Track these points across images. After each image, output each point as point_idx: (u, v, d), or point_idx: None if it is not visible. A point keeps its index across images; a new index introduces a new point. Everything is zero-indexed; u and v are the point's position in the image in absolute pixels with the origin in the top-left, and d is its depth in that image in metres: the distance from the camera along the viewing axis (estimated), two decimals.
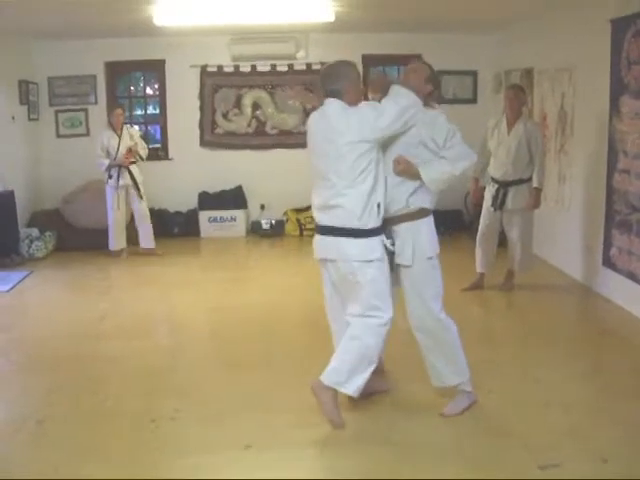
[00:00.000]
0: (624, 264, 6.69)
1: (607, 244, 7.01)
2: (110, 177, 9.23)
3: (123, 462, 4.01)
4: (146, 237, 9.56)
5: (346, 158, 4.21)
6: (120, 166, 9.21)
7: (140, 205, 9.46)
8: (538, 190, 7.11)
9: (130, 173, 9.28)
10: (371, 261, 4.28)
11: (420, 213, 4.44)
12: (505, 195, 7.12)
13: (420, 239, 4.42)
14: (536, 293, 7.41)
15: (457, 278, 7.30)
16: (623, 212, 6.68)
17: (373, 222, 4.27)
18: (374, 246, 4.30)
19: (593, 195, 7.34)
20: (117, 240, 9.43)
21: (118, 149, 9.18)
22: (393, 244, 4.39)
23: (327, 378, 4.34)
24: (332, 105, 4.35)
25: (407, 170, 4.36)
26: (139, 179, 9.38)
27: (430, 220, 4.51)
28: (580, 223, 7.72)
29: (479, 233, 7.44)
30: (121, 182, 9.26)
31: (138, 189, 9.38)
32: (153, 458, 4.07)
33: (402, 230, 4.42)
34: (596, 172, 7.20)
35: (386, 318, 4.35)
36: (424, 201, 4.44)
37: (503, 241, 7.56)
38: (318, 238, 4.47)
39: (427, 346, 4.54)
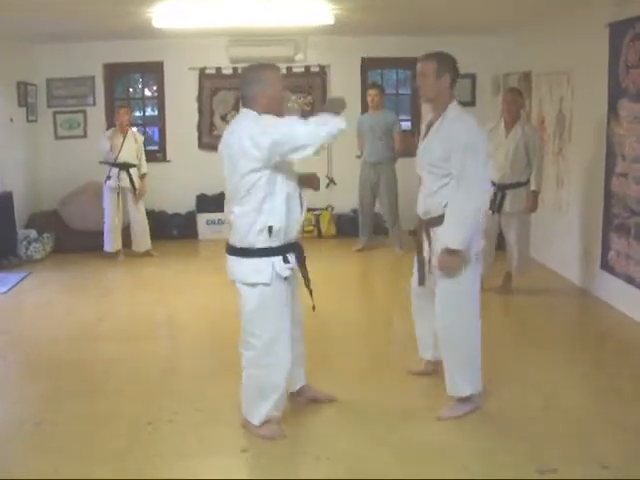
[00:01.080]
0: (622, 268, 6.70)
1: (605, 248, 7.01)
2: (109, 178, 9.21)
3: (120, 464, 4.00)
4: (142, 240, 9.56)
5: (236, 173, 4.05)
6: (120, 168, 9.19)
7: (137, 209, 9.45)
8: (536, 193, 7.12)
9: (129, 176, 9.27)
10: (254, 285, 4.13)
11: None
12: (503, 198, 7.11)
13: None
14: (534, 296, 7.41)
15: None
16: (621, 216, 6.68)
17: (262, 243, 4.07)
18: (260, 268, 4.10)
19: (591, 199, 7.35)
20: (113, 242, 9.41)
21: (121, 149, 9.18)
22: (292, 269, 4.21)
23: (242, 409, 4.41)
24: (241, 115, 4.23)
25: (450, 264, 4.33)
26: (137, 183, 9.36)
27: None
28: (578, 226, 7.72)
29: None
30: (120, 184, 9.24)
31: (135, 193, 9.36)
32: (150, 461, 4.06)
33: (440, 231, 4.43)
34: (594, 176, 7.20)
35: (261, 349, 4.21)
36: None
37: (502, 244, 7.55)
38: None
39: (449, 348, 4.52)
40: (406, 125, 10.97)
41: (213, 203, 10.75)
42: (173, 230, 10.69)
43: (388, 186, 9.41)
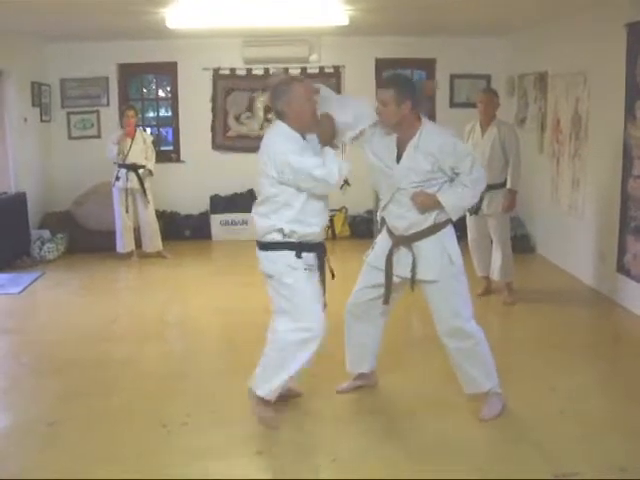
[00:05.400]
0: (638, 270, 6.64)
1: (621, 250, 6.95)
2: (118, 179, 9.21)
3: (134, 466, 3.99)
4: (152, 241, 9.55)
5: (260, 180, 4.40)
6: (128, 169, 9.20)
7: (146, 210, 9.43)
8: (513, 192, 7.00)
9: (138, 177, 9.25)
10: (272, 276, 4.42)
11: (445, 223, 4.45)
12: (481, 200, 6.87)
13: (449, 249, 4.43)
14: (549, 299, 7.35)
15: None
16: (638, 218, 6.62)
17: (277, 238, 4.35)
18: (275, 260, 4.38)
19: (607, 201, 7.29)
20: (125, 243, 9.42)
21: (129, 151, 9.17)
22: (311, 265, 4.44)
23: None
24: (273, 126, 4.50)
25: (426, 202, 4.35)
26: (147, 184, 9.36)
27: (451, 228, 4.51)
28: (594, 229, 7.66)
29: (469, 240, 7.35)
30: (129, 185, 9.23)
31: (145, 194, 9.36)
32: (164, 463, 4.04)
33: (429, 244, 4.43)
34: (611, 178, 7.14)
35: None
36: (447, 213, 4.44)
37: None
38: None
39: (458, 353, 4.54)
40: None
41: (227, 204, 10.75)
42: (186, 231, 10.67)
43: None
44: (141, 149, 9.31)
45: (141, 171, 9.27)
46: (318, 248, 4.47)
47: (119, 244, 9.41)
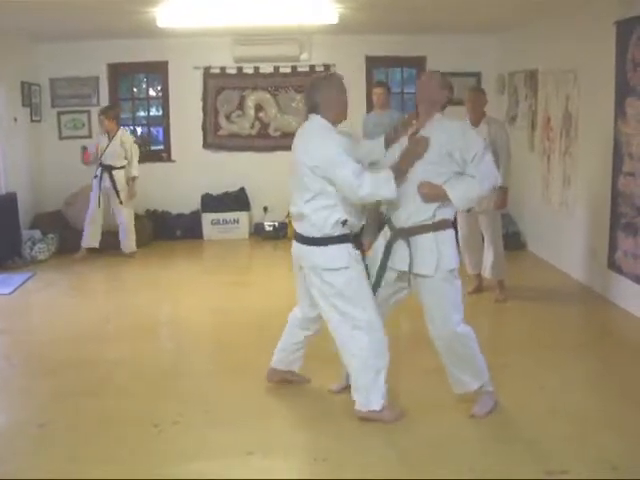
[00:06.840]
0: (630, 267, 6.65)
1: (612, 247, 6.97)
2: (95, 177, 9.34)
3: (125, 467, 3.97)
4: (125, 242, 9.55)
5: (304, 178, 4.37)
6: (103, 168, 9.24)
7: (121, 211, 9.46)
8: (503, 189, 6.98)
9: (111, 178, 9.31)
10: (337, 269, 4.37)
11: (443, 224, 4.39)
12: None
13: (444, 251, 4.36)
14: (541, 296, 7.37)
15: None
16: (628, 215, 6.64)
17: (336, 232, 4.36)
18: (339, 254, 4.38)
19: (598, 198, 7.30)
20: (87, 237, 9.44)
21: (104, 151, 9.29)
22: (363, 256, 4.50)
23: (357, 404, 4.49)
24: (310, 122, 4.50)
25: (432, 192, 4.31)
26: (120, 185, 9.38)
27: (452, 232, 4.48)
28: (585, 226, 7.67)
29: (460, 237, 7.35)
30: (103, 184, 9.32)
31: (117, 195, 9.37)
32: (155, 463, 4.03)
33: (425, 240, 4.36)
34: (601, 174, 7.15)
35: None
36: (447, 213, 4.41)
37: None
38: (294, 244, 4.61)
39: (447, 354, 4.52)
40: None
41: (218, 203, 10.74)
42: (177, 230, 10.65)
43: None
44: (117, 151, 9.37)
45: (116, 172, 9.31)
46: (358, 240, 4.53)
47: (85, 238, 9.46)
